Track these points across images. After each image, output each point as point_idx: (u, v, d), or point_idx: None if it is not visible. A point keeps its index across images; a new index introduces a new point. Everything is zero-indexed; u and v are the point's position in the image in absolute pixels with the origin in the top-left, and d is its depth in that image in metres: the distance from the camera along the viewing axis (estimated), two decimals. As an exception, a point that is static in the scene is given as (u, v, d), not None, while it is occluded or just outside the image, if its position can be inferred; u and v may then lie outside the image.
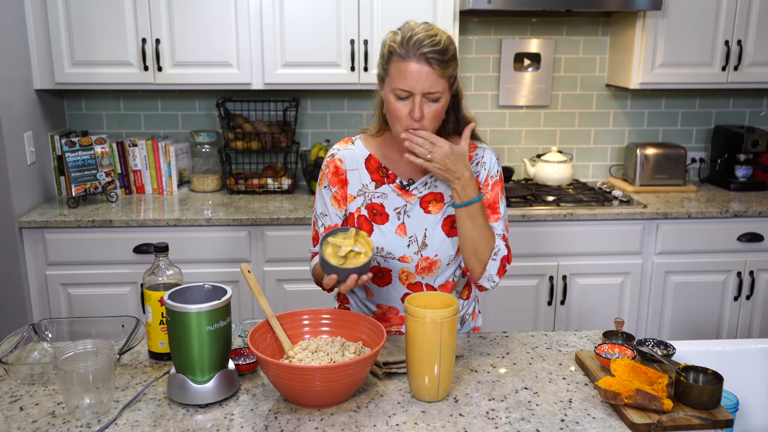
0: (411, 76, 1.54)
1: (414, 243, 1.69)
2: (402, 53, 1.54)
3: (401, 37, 1.55)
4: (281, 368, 1.33)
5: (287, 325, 1.53)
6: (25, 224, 2.83)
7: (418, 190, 1.71)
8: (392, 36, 1.58)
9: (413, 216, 1.70)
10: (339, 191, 1.72)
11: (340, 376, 1.33)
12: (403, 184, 1.71)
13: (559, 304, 3.11)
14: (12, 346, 1.56)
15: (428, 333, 1.37)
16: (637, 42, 3.19)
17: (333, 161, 1.73)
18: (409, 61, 1.54)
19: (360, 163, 1.72)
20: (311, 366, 1.33)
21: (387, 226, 1.69)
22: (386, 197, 1.70)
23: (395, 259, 1.69)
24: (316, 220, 1.77)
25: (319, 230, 1.76)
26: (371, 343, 1.48)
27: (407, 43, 1.54)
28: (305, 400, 1.37)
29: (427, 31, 1.55)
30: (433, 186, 1.72)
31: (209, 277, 2.83)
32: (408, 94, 1.55)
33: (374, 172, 1.72)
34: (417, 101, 1.55)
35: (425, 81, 1.54)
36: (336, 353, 1.45)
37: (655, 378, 1.40)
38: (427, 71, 1.53)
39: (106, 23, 2.97)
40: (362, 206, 1.71)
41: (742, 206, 3.12)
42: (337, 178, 1.72)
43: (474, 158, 1.75)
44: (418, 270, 1.71)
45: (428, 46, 1.53)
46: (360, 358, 1.34)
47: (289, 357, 1.46)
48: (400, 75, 1.55)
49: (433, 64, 1.53)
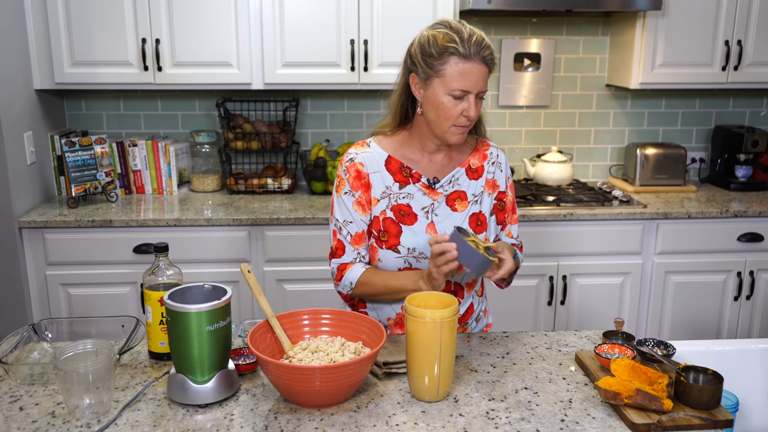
0: (472, 77, 1.56)
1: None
2: (465, 53, 1.55)
3: (460, 37, 1.55)
4: (281, 368, 1.33)
5: (287, 325, 1.53)
6: (25, 224, 2.83)
7: (443, 188, 1.72)
8: (445, 36, 1.56)
9: (441, 214, 1.70)
10: (363, 195, 1.70)
11: (340, 376, 1.33)
12: (429, 182, 1.71)
13: (559, 304, 3.11)
14: (12, 346, 1.56)
15: (428, 333, 1.37)
16: (637, 42, 3.19)
17: (354, 165, 1.70)
18: (471, 61, 1.55)
19: (380, 165, 1.71)
20: (311, 366, 1.33)
21: (417, 226, 1.68)
22: (412, 197, 1.70)
23: (427, 258, 1.68)
24: (338, 229, 1.72)
25: (345, 239, 1.71)
26: (371, 343, 1.48)
27: (468, 42, 1.55)
28: (305, 400, 1.37)
29: (478, 32, 1.58)
30: (456, 184, 1.73)
31: (209, 277, 2.83)
32: (464, 93, 1.58)
33: (397, 173, 1.70)
34: (473, 101, 1.59)
35: (483, 81, 1.58)
36: (336, 353, 1.45)
37: (655, 378, 1.40)
38: (485, 72, 1.58)
39: (106, 23, 2.97)
40: (387, 208, 1.69)
41: (742, 206, 3.12)
42: (360, 182, 1.70)
43: (489, 157, 1.77)
44: None
45: (486, 49, 1.56)
46: (360, 358, 1.34)
47: (289, 357, 1.46)
48: (461, 75, 1.56)
49: (490, 65, 1.58)
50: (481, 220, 1.73)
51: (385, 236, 1.69)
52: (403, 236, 1.68)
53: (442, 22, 1.61)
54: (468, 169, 1.75)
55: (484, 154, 1.78)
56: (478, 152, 1.77)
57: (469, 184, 1.74)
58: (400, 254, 1.68)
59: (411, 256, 1.68)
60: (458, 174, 1.73)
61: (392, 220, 1.69)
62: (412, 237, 1.68)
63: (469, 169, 1.75)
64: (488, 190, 1.76)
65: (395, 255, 1.68)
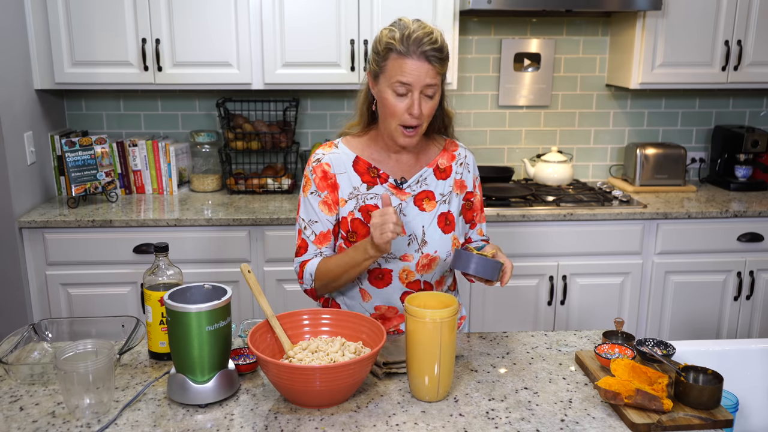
0: (412, 71, 1.57)
1: (414, 241, 1.70)
2: (402, 50, 1.57)
3: (400, 34, 1.57)
4: (281, 368, 1.33)
5: (287, 325, 1.53)
6: (25, 224, 2.83)
7: (411, 188, 1.73)
8: (389, 33, 1.60)
9: (409, 214, 1.71)
10: (329, 196, 1.71)
11: (340, 376, 1.33)
12: (397, 182, 1.72)
13: (559, 304, 3.11)
14: (12, 346, 1.56)
15: (428, 333, 1.37)
16: (637, 42, 3.19)
17: (320, 166, 1.72)
18: (409, 57, 1.57)
19: (348, 166, 1.72)
20: (311, 366, 1.33)
21: None
22: (379, 198, 1.70)
23: (397, 258, 1.70)
24: (303, 228, 1.73)
25: (309, 238, 1.72)
26: (371, 343, 1.48)
27: (407, 40, 1.56)
28: (305, 400, 1.37)
29: (424, 29, 1.59)
30: (424, 184, 1.74)
31: (209, 277, 2.84)
32: (407, 89, 1.58)
33: (364, 174, 1.72)
34: (416, 97, 1.59)
35: (425, 77, 1.57)
36: (336, 353, 1.45)
37: (655, 378, 1.41)
38: (426, 68, 1.57)
39: (106, 23, 2.97)
40: (355, 209, 1.70)
41: (742, 206, 3.12)
42: (326, 182, 1.71)
43: (457, 158, 1.80)
44: (419, 268, 1.71)
45: (428, 44, 1.56)
46: (360, 358, 1.34)
47: (289, 357, 1.46)
48: (401, 70, 1.57)
49: (432, 61, 1.57)
50: (449, 220, 1.74)
51: (353, 237, 1.70)
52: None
53: (396, 20, 1.64)
54: (436, 169, 1.76)
55: (452, 155, 1.79)
56: (447, 152, 1.79)
57: (437, 183, 1.75)
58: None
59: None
60: (426, 174, 1.74)
61: (360, 221, 1.70)
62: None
63: (437, 169, 1.76)
64: (456, 190, 1.77)
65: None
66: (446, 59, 1.61)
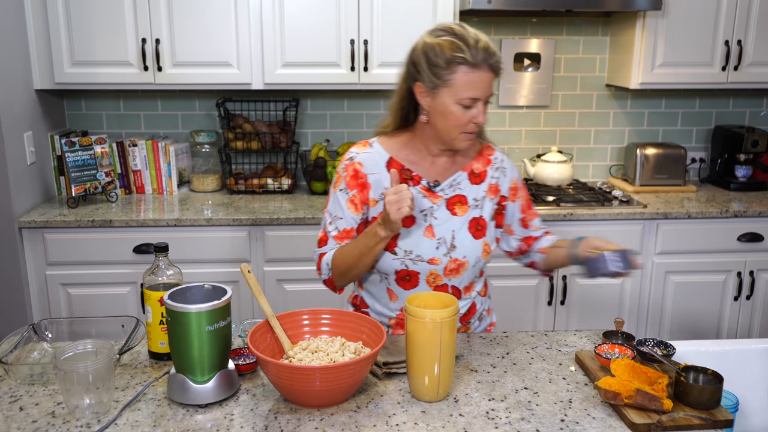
0: (481, 84, 1.55)
1: (443, 245, 1.68)
2: (473, 62, 1.52)
3: (467, 45, 1.52)
4: (281, 368, 1.33)
5: (287, 325, 1.53)
6: (25, 224, 2.83)
7: (444, 191, 1.71)
8: (450, 44, 1.53)
9: (440, 218, 1.69)
10: (357, 195, 1.69)
11: (340, 376, 1.33)
12: (430, 185, 1.70)
13: (559, 304, 3.11)
14: (12, 346, 1.56)
15: (428, 333, 1.37)
16: (637, 42, 3.19)
17: (352, 165, 1.70)
18: (479, 70, 1.53)
19: (381, 167, 1.70)
20: (311, 366, 1.33)
21: (414, 228, 1.68)
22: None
23: (424, 261, 1.68)
24: (328, 222, 1.73)
25: (331, 232, 1.72)
26: (371, 343, 1.48)
27: (475, 51, 1.52)
28: (305, 400, 1.37)
29: (480, 36, 1.55)
30: (458, 188, 1.72)
31: (209, 277, 2.83)
32: (474, 101, 1.56)
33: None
34: (481, 108, 1.59)
35: (490, 87, 1.57)
36: (336, 353, 1.45)
37: (655, 378, 1.40)
38: (492, 78, 1.56)
39: (106, 23, 2.97)
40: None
41: (742, 206, 3.12)
42: (356, 182, 1.70)
43: (493, 162, 1.76)
44: (446, 272, 1.70)
45: (494, 54, 1.54)
46: (360, 358, 1.34)
47: (289, 357, 1.46)
48: (470, 84, 1.54)
49: (497, 71, 1.57)
50: (481, 225, 1.72)
51: None
52: (400, 239, 1.67)
53: (444, 27, 1.58)
54: (471, 173, 1.73)
55: (488, 159, 1.76)
56: (482, 157, 1.76)
57: (470, 188, 1.73)
58: (397, 256, 1.68)
59: (407, 258, 1.68)
60: (460, 178, 1.72)
61: None
62: (410, 239, 1.67)
63: (471, 173, 1.73)
64: (490, 195, 1.74)
65: (392, 257, 1.68)
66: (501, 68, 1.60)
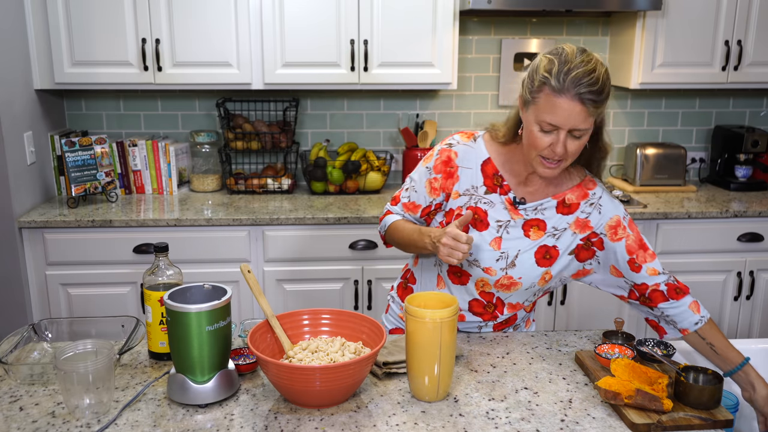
0: (562, 113, 1.45)
1: (503, 259, 1.65)
2: (557, 87, 1.44)
3: (557, 69, 1.45)
4: (281, 368, 1.33)
5: (287, 325, 1.53)
6: (25, 224, 2.83)
7: (526, 212, 1.66)
8: (548, 63, 1.47)
9: (512, 234, 1.66)
10: (440, 180, 1.68)
11: (340, 376, 1.33)
12: (515, 200, 1.66)
13: (559, 304, 3.11)
14: (12, 346, 1.56)
15: (428, 333, 1.37)
16: (637, 42, 3.19)
17: (448, 151, 1.68)
18: (562, 96, 1.44)
19: (476, 164, 1.67)
20: (311, 366, 1.33)
21: (484, 234, 1.65)
22: (493, 206, 1.66)
23: (480, 267, 1.66)
24: (407, 188, 1.75)
25: (403, 198, 1.75)
26: (371, 343, 1.48)
27: (564, 77, 1.44)
28: (305, 400, 1.37)
29: (586, 65, 1.44)
30: (541, 213, 1.67)
31: (209, 277, 2.83)
32: (554, 128, 1.49)
33: (489, 178, 1.67)
34: (562, 138, 1.48)
35: (575, 119, 1.46)
36: (336, 353, 1.45)
37: (655, 378, 1.41)
38: (579, 110, 1.45)
39: (106, 23, 2.97)
40: (465, 206, 1.67)
41: (742, 206, 3.12)
42: (445, 168, 1.68)
43: (589, 197, 1.68)
44: (497, 285, 1.67)
45: (586, 86, 1.43)
46: (360, 358, 1.34)
47: (289, 357, 1.46)
48: (550, 108, 1.46)
49: (587, 104, 1.44)
50: (550, 255, 1.66)
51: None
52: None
53: (564, 46, 1.50)
54: (561, 202, 1.67)
55: (585, 193, 1.68)
56: (580, 189, 1.68)
57: (555, 217, 1.66)
58: None
59: (465, 259, 1.63)
60: (548, 204, 1.67)
61: None
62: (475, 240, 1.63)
63: (561, 203, 1.67)
64: (575, 229, 1.66)
65: None
66: (604, 101, 1.47)
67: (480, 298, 1.72)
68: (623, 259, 1.65)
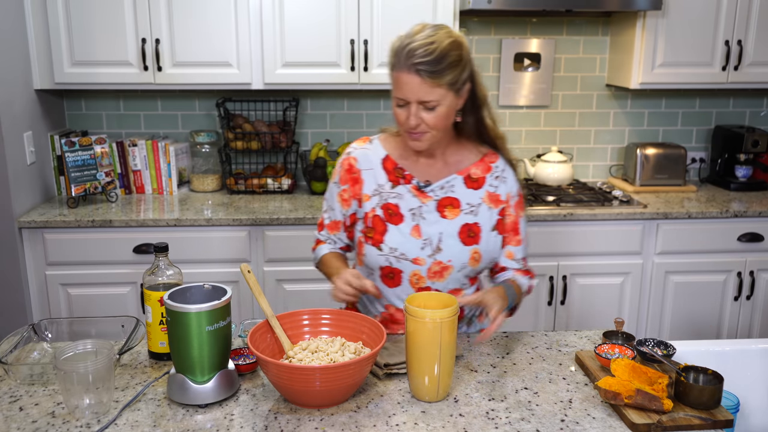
0: (404, 86, 1.55)
1: (428, 246, 1.68)
2: (395, 63, 1.56)
3: (398, 45, 1.55)
4: (281, 368, 1.33)
5: (287, 325, 1.53)
6: (25, 224, 2.83)
7: (434, 192, 1.70)
8: (394, 42, 1.58)
9: (428, 218, 1.69)
10: (348, 190, 1.73)
11: (340, 376, 1.33)
12: (420, 185, 1.70)
13: (559, 304, 3.11)
14: (12, 346, 1.56)
15: (428, 333, 1.37)
16: (637, 42, 3.19)
17: (348, 159, 1.75)
18: (400, 71, 1.54)
19: (376, 163, 1.72)
20: (311, 366, 1.33)
21: (402, 226, 1.69)
22: (402, 198, 1.70)
23: (408, 260, 1.68)
24: (324, 210, 1.83)
25: (325, 220, 1.82)
26: (371, 343, 1.48)
27: (401, 51, 1.54)
28: (305, 400, 1.37)
29: (426, 38, 1.52)
30: (450, 190, 1.70)
31: (209, 277, 2.83)
32: (405, 102, 1.57)
33: (391, 173, 1.71)
34: (413, 110, 1.57)
35: (417, 91, 1.54)
36: (336, 353, 1.44)
37: (655, 378, 1.40)
38: (417, 82, 1.53)
39: (106, 23, 2.97)
40: (377, 206, 1.70)
41: (742, 206, 3.12)
42: (349, 176, 1.73)
43: (493, 170, 1.74)
44: (430, 274, 1.69)
45: (420, 56, 1.50)
46: (360, 358, 1.34)
47: (289, 357, 1.46)
48: (396, 84, 1.57)
49: (422, 75, 1.52)
50: (474, 232, 1.70)
51: (371, 233, 1.71)
52: (387, 235, 1.69)
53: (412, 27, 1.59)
54: (467, 177, 1.72)
55: (488, 166, 1.73)
56: (483, 163, 1.73)
57: (465, 192, 1.71)
58: (382, 252, 1.69)
59: (392, 255, 1.68)
60: (453, 181, 1.71)
61: (380, 218, 1.70)
62: (396, 237, 1.68)
63: (468, 177, 1.72)
64: (490, 203, 1.72)
65: (377, 252, 1.69)
66: (446, 70, 1.52)
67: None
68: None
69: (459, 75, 1.56)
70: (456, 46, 1.55)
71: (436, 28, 1.56)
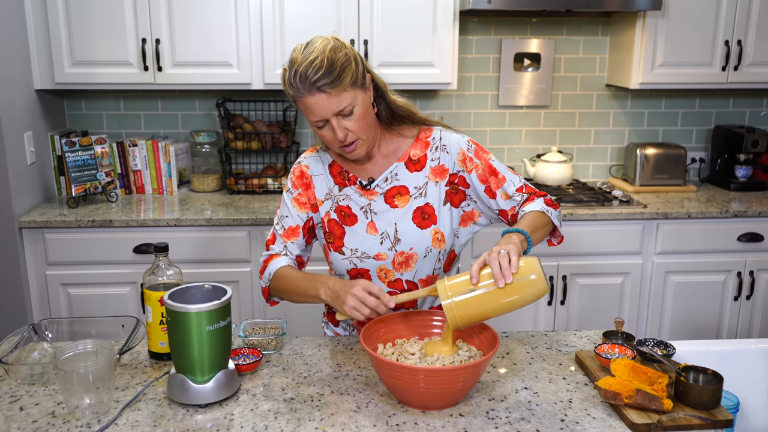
0: (314, 108, 1.52)
1: (386, 239, 1.68)
2: (295, 93, 1.52)
3: (289, 76, 1.52)
4: (401, 369, 1.34)
5: (416, 322, 1.57)
6: (25, 224, 2.83)
7: (379, 187, 1.70)
8: (283, 75, 1.54)
9: (379, 212, 1.69)
10: (303, 194, 1.74)
11: (448, 379, 1.33)
12: (363, 183, 1.71)
13: (559, 304, 3.11)
14: (12, 346, 1.56)
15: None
16: (637, 42, 3.19)
17: (299, 167, 1.76)
18: (304, 97, 1.51)
19: (324, 169, 1.75)
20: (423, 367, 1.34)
21: (357, 226, 1.70)
22: (350, 198, 1.71)
23: (371, 258, 1.69)
24: (276, 223, 1.77)
25: (278, 231, 1.75)
26: (484, 349, 1.48)
27: (294, 81, 1.50)
28: (412, 398, 1.37)
29: (308, 57, 1.49)
30: (395, 180, 1.70)
31: (209, 277, 2.83)
32: (324, 121, 1.55)
33: (337, 176, 1.73)
34: (335, 124, 1.54)
35: (329, 106, 1.51)
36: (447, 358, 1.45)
37: (655, 378, 1.40)
38: (324, 98, 1.50)
39: (106, 23, 2.97)
40: (331, 210, 1.72)
41: (742, 206, 3.12)
42: (302, 182, 1.74)
43: (431, 143, 1.71)
44: (395, 266, 1.69)
45: (313, 75, 1.48)
46: (476, 362, 1.34)
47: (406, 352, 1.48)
48: (306, 110, 1.54)
49: (325, 89, 1.49)
50: (427, 213, 1.69)
51: (331, 238, 1.72)
52: (346, 237, 1.69)
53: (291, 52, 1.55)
54: (408, 162, 1.70)
55: (426, 142, 1.71)
56: (420, 141, 1.71)
57: (409, 177, 1.70)
58: (345, 255, 1.69)
59: (354, 256, 1.69)
60: (396, 169, 1.70)
61: (336, 222, 1.71)
62: (353, 238, 1.69)
63: (409, 161, 1.70)
64: (435, 178, 1.69)
65: (341, 257, 1.70)
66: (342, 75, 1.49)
67: (391, 289, 1.71)
68: (481, 189, 1.70)
69: (356, 71, 1.54)
70: (337, 47, 1.52)
71: (309, 44, 1.53)
